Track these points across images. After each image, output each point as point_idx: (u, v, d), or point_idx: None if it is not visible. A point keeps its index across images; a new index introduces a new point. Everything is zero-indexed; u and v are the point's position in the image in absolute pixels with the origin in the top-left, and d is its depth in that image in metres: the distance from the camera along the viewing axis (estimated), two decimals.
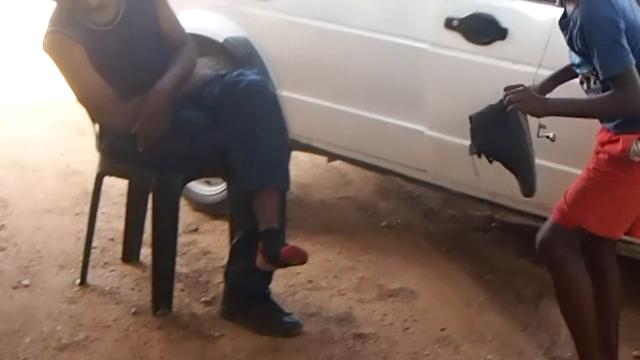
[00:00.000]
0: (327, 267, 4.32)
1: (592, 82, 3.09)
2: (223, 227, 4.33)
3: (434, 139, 4.07)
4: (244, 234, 3.80)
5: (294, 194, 4.88)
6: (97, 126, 3.92)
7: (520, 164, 3.22)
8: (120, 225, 4.39)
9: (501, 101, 3.17)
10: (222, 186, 4.53)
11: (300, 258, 3.60)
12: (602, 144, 3.15)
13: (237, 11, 4.55)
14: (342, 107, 4.33)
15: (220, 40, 4.52)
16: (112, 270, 4.27)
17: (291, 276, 4.16)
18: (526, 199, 3.35)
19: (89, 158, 4.35)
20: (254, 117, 3.64)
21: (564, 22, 3.12)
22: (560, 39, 3.14)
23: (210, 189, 4.79)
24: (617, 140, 3.07)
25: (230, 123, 3.67)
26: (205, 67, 4.21)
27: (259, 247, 3.64)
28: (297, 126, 4.44)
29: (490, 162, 3.27)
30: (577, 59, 3.11)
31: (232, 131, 3.66)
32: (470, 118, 3.25)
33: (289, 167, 3.82)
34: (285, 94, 4.42)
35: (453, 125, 3.92)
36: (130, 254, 4.33)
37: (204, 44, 4.39)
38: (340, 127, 4.41)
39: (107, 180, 4.12)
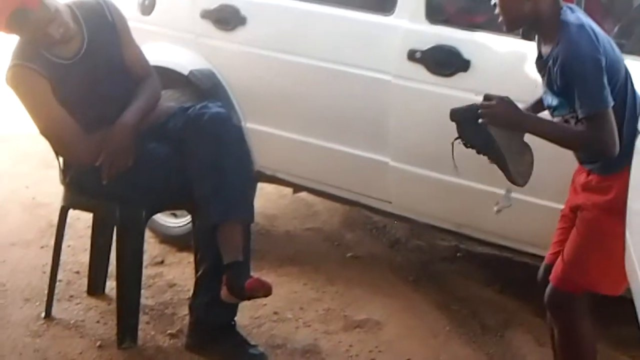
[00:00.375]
0: (292, 299, 4.32)
1: (573, 125, 3.04)
2: (189, 259, 4.32)
3: (398, 170, 4.08)
4: (209, 267, 3.80)
5: (260, 225, 4.89)
6: (61, 159, 3.91)
7: (496, 162, 3.20)
8: (85, 258, 4.37)
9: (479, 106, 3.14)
10: (188, 218, 4.50)
11: (264, 290, 3.59)
12: (584, 188, 3.11)
13: (201, 43, 4.55)
14: (307, 138, 4.34)
15: (185, 72, 4.52)
16: (78, 304, 4.25)
17: (257, 308, 4.15)
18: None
19: (55, 190, 4.33)
20: (218, 150, 3.63)
21: (542, 63, 3.08)
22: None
23: (175, 221, 4.78)
24: (607, 189, 3.03)
25: (194, 156, 3.66)
26: (170, 100, 4.20)
27: (224, 279, 3.64)
28: (263, 158, 4.45)
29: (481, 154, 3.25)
30: (554, 101, 3.05)
31: (196, 164, 3.66)
32: (450, 112, 3.23)
33: (253, 199, 3.82)
34: (250, 125, 4.43)
35: (417, 156, 3.95)
36: (95, 287, 4.32)
37: (169, 77, 4.39)
38: (305, 159, 4.42)
39: (73, 213, 4.09)
